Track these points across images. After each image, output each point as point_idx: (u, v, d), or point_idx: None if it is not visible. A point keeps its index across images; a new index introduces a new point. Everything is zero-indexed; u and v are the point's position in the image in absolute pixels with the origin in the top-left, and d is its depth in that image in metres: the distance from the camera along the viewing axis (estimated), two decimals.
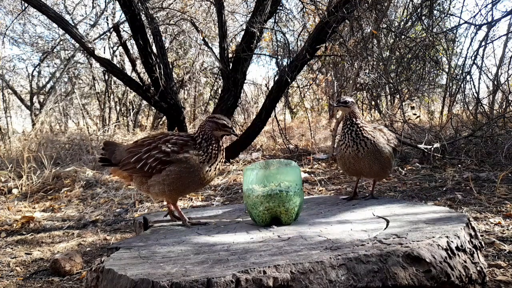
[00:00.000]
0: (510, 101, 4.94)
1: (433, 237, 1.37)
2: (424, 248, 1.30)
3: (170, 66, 5.12)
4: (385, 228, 1.55)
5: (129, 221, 3.10)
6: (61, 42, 8.44)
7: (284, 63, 5.45)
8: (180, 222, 1.84)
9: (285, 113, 6.98)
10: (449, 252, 1.34)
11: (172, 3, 6.30)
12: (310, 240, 1.45)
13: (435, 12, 5.05)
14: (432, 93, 7.04)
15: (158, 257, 1.36)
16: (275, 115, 5.62)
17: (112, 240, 2.68)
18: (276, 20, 5.45)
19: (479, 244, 1.51)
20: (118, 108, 9.22)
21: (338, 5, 4.37)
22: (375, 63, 5.16)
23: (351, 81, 5.41)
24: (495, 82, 5.52)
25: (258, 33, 4.80)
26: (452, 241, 1.36)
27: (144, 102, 8.81)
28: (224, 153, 1.82)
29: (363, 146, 1.95)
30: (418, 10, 4.75)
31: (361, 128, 1.96)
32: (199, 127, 1.80)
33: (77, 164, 4.88)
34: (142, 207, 3.43)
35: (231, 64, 4.94)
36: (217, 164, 1.79)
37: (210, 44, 6.20)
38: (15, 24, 8.40)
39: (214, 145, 1.76)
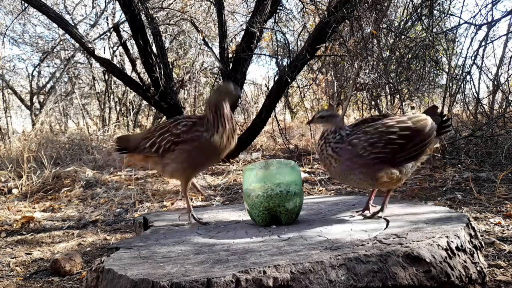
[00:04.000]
0: (510, 101, 4.93)
1: (433, 237, 1.37)
2: (424, 248, 1.30)
3: (170, 66, 5.12)
4: (385, 228, 1.55)
5: (129, 221, 3.10)
6: (61, 42, 8.43)
7: (284, 63, 5.44)
8: (181, 222, 1.85)
9: (285, 113, 6.98)
10: (449, 252, 1.34)
11: (172, 3, 6.30)
12: (310, 240, 1.45)
13: (435, 12, 5.04)
14: (432, 93, 7.02)
15: (158, 257, 1.36)
16: (275, 115, 5.62)
17: (112, 240, 2.68)
18: (276, 20, 5.46)
19: (479, 244, 1.51)
20: (118, 108, 9.22)
21: (338, 5, 4.37)
22: (375, 63, 5.16)
23: (351, 81, 5.42)
24: (495, 82, 5.51)
25: (258, 33, 4.80)
26: (452, 241, 1.36)
27: (144, 102, 8.81)
28: (233, 120, 1.81)
29: (328, 164, 1.73)
30: (418, 10, 4.74)
31: (327, 144, 1.71)
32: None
33: (77, 164, 4.88)
34: (142, 207, 3.43)
35: (231, 64, 4.94)
36: (228, 132, 1.77)
37: (210, 44, 6.21)
38: (15, 24, 8.41)
39: (219, 114, 1.77)
